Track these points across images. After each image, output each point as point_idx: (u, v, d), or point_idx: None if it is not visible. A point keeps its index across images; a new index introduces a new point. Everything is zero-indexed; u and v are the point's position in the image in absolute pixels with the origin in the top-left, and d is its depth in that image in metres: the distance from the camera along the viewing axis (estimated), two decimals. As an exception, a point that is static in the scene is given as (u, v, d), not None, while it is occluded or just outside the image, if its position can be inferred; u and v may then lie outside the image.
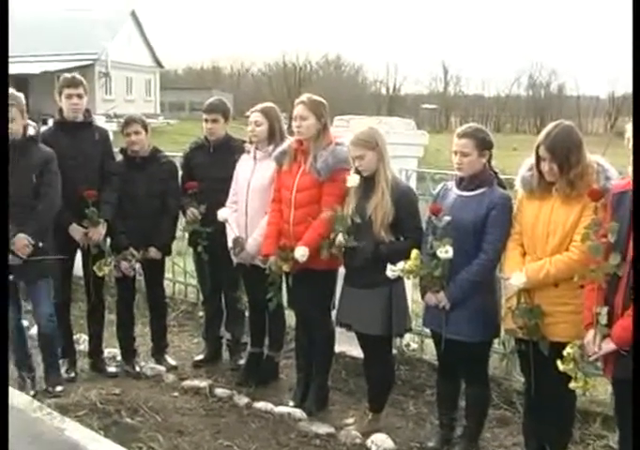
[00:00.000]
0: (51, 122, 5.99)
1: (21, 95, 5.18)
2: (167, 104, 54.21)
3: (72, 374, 5.73)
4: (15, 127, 5.08)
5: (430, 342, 5.21)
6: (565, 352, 3.70)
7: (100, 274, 5.48)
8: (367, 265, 4.55)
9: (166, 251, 5.89)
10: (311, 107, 4.90)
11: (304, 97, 5.01)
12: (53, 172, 5.21)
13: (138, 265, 5.71)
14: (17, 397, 4.72)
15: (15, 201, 5.04)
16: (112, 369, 5.86)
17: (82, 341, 6.17)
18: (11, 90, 5.21)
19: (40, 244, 5.10)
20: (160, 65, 52.98)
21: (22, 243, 5.00)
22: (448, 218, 4.21)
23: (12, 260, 5.03)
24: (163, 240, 5.78)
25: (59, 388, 5.37)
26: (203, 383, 5.48)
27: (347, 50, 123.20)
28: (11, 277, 5.16)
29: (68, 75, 5.66)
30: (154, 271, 5.93)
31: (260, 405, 5.15)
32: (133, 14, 48.96)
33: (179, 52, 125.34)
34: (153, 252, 5.69)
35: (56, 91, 5.61)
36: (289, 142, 5.08)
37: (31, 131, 5.23)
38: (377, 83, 79.69)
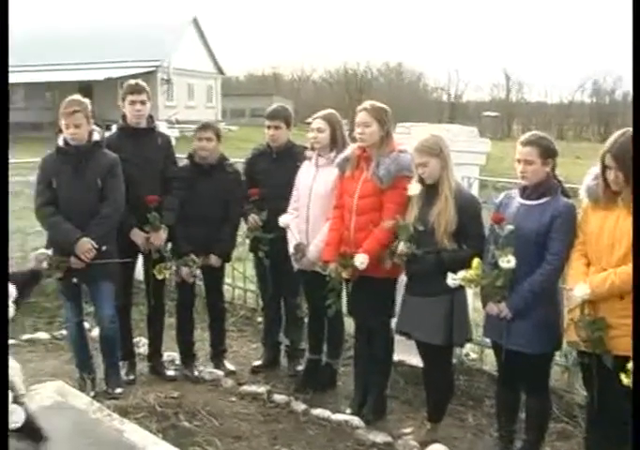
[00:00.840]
0: (114, 128, 6.06)
1: (87, 101, 5.26)
2: (228, 110, 54.62)
3: (132, 377, 5.79)
4: (81, 133, 5.17)
5: (490, 352, 5.15)
6: (629, 366, 3.61)
7: (160, 277, 5.52)
8: (429, 273, 4.52)
9: (226, 259, 5.93)
10: (373, 114, 4.88)
11: (367, 103, 4.99)
12: (118, 177, 5.28)
13: (198, 271, 5.73)
14: (78, 398, 4.76)
15: (80, 204, 5.13)
16: (170, 373, 5.89)
17: (141, 344, 6.24)
18: (77, 96, 5.30)
19: (104, 247, 5.17)
20: (221, 71, 53.37)
21: (85, 247, 5.08)
22: (510, 227, 4.15)
23: (75, 263, 5.12)
24: (224, 248, 5.80)
25: (119, 390, 5.43)
26: (261, 389, 5.49)
27: (409, 56, 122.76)
28: (74, 280, 5.25)
29: (131, 82, 5.73)
30: (214, 276, 5.96)
31: (317, 412, 5.14)
32: (195, 21, 49.39)
33: (240, 58, 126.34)
34: (213, 260, 5.71)
35: (120, 97, 5.69)
36: (352, 148, 5.06)
37: (96, 137, 5.30)
38: (439, 90, 79.18)
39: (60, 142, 5.27)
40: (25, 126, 39.78)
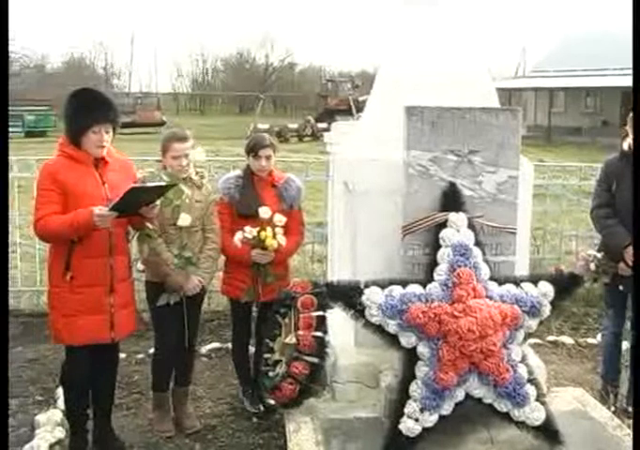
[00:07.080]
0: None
1: None
2: None
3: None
4: None
5: None
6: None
7: None
8: None
9: None
10: None
11: None
12: None
13: None
14: (598, 410, 4.72)
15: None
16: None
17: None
18: None
19: None
20: None
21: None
22: None
23: (622, 269, 4.96)
24: None
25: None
26: None
27: None
28: (621, 287, 5.09)
29: None
30: None
31: None
32: None
33: None
34: None
35: None
36: None
37: None
38: None
39: (625, 147, 5.16)
40: (564, 130, 40.31)
